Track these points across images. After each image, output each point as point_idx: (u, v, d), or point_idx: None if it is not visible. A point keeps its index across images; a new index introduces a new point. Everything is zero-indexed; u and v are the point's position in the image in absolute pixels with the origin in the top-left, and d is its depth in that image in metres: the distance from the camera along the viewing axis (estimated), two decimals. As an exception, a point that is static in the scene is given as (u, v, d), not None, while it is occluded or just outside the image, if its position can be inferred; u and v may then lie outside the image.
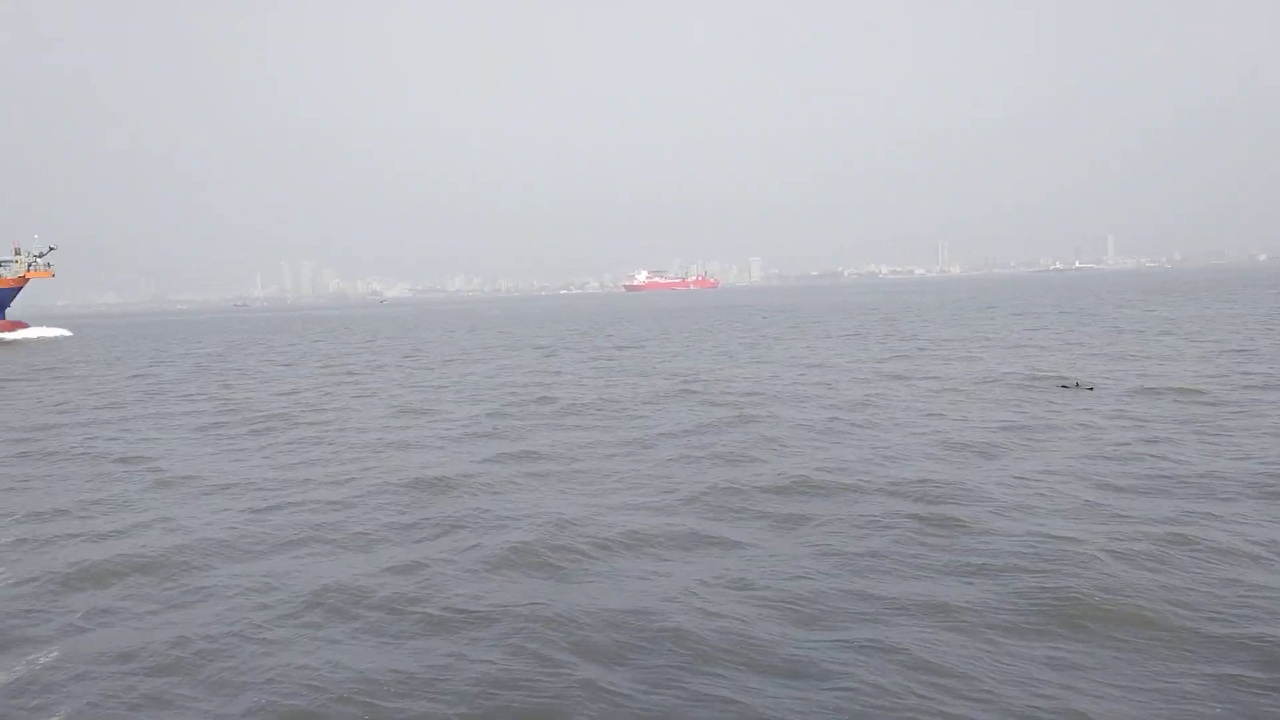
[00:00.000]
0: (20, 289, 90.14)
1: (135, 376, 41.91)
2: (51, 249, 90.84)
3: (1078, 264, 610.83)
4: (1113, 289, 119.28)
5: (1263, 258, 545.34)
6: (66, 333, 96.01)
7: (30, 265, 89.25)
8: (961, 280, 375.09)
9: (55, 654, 9.20)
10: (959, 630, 8.82)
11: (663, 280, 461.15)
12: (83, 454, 20.62)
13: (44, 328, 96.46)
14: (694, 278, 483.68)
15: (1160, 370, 27.23)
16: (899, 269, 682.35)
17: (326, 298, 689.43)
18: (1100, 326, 47.97)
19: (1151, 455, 15.75)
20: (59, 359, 57.51)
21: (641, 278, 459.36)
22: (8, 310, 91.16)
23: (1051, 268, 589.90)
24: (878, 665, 8.16)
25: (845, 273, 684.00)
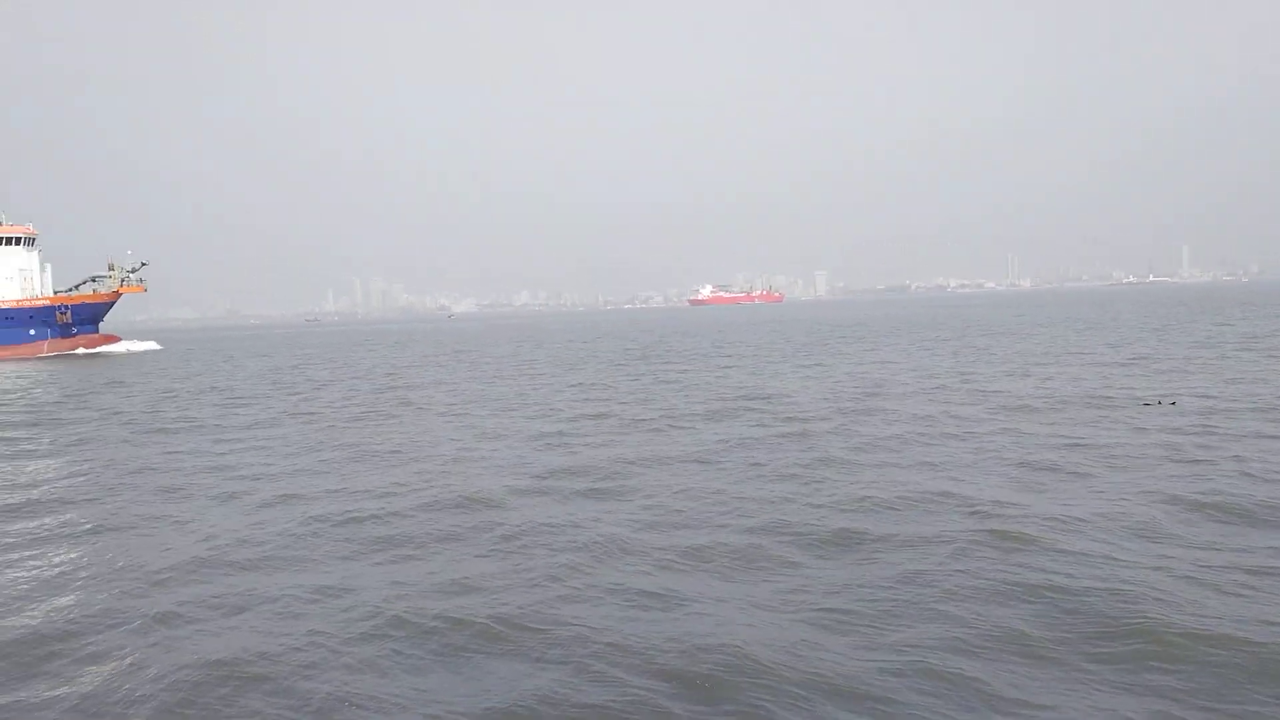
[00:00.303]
0: (114, 304, 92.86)
1: (212, 389, 43.02)
2: (144, 264, 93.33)
3: (1151, 277, 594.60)
4: (1187, 302, 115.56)
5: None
6: (156, 346, 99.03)
7: (123, 280, 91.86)
8: (1032, 294, 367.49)
9: (130, 660, 9.39)
10: (1041, 658, 8.47)
11: (727, 295, 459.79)
12: (157, 466, 21.18)
13: (134, 341, 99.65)
14: (759, 292, 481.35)
15: (1241, 388, 26.20)
16: (967, 282, 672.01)
17: (396, 312, 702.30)
18: (1177, 342, 46.45)
19: (1235, 474, 15.10)
20: (142, 371, 59.38)
21: (706, 292, 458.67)
22: (101, 324, 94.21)
23: (1124, 281, 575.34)
24: (957, 695, 7.85)
25: (912, 286, 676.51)
